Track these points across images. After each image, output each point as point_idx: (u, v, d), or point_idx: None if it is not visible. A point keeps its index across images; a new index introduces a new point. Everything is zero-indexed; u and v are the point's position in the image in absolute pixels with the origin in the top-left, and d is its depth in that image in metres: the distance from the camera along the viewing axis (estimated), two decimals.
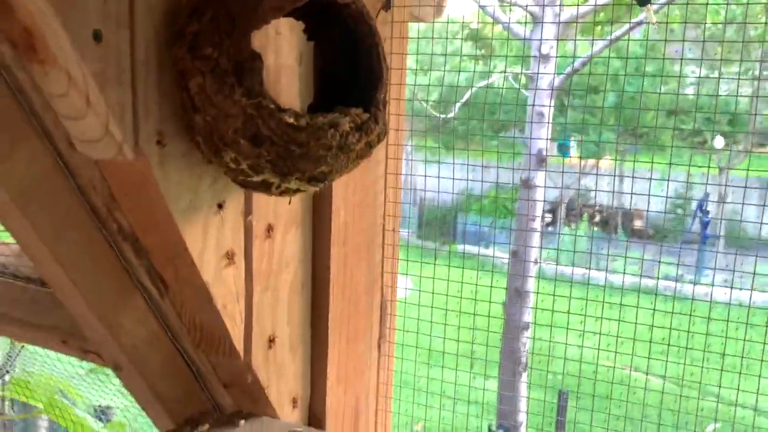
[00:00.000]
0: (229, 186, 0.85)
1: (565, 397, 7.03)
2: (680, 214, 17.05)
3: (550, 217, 21.01)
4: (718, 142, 16.09)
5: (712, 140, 15.74)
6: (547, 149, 7.17)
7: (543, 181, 7.06)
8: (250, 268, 0.94)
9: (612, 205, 19.72)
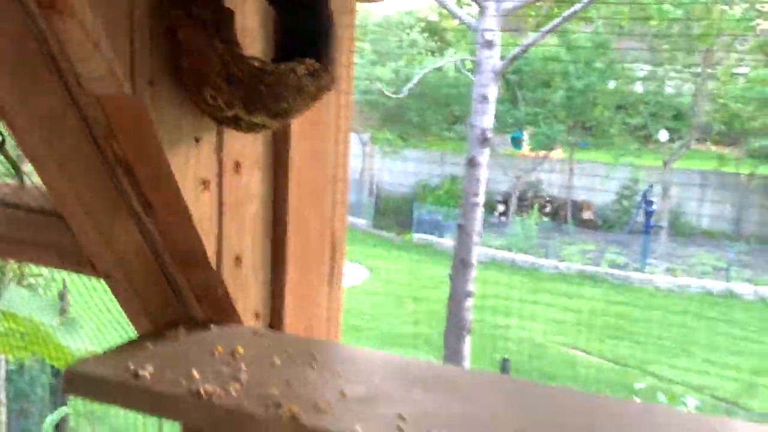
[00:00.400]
0: (205, 124, 1.04)
1: (507, 365, 7.36)
2: (626, 205, 17.66)
3: (503, 208, 21.54)
4: (663, 136, 16.71)
5: (657, 134, 16.34)
6: (490, 130, 7.48)
7: (485, 160, 7.37)
8: (221, 197, 1.13)
9: (562, 197, 20.29)
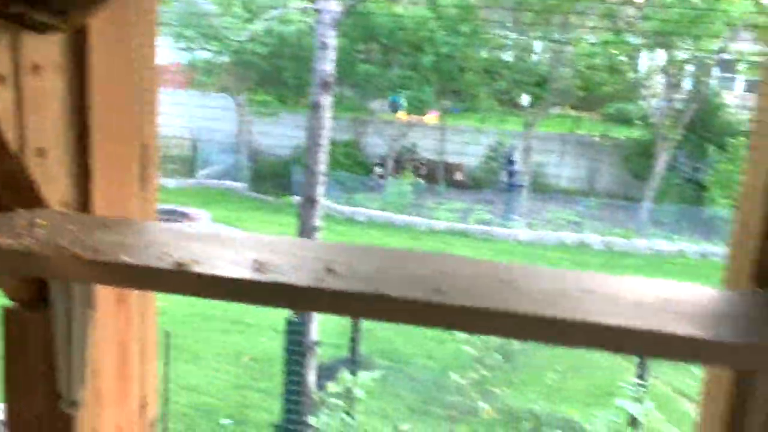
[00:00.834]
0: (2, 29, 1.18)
1: None
2: (494, 166, 18.61)
3: (381, 170, 22.05)
4: (524, 101, 17.68)
5: (519, 99, 17.30)
6: (331, 75, 7.76)
7: (327, 103, 7.67)
8: (19, 93, 1.27)
9: (436, 159, 21.06)
